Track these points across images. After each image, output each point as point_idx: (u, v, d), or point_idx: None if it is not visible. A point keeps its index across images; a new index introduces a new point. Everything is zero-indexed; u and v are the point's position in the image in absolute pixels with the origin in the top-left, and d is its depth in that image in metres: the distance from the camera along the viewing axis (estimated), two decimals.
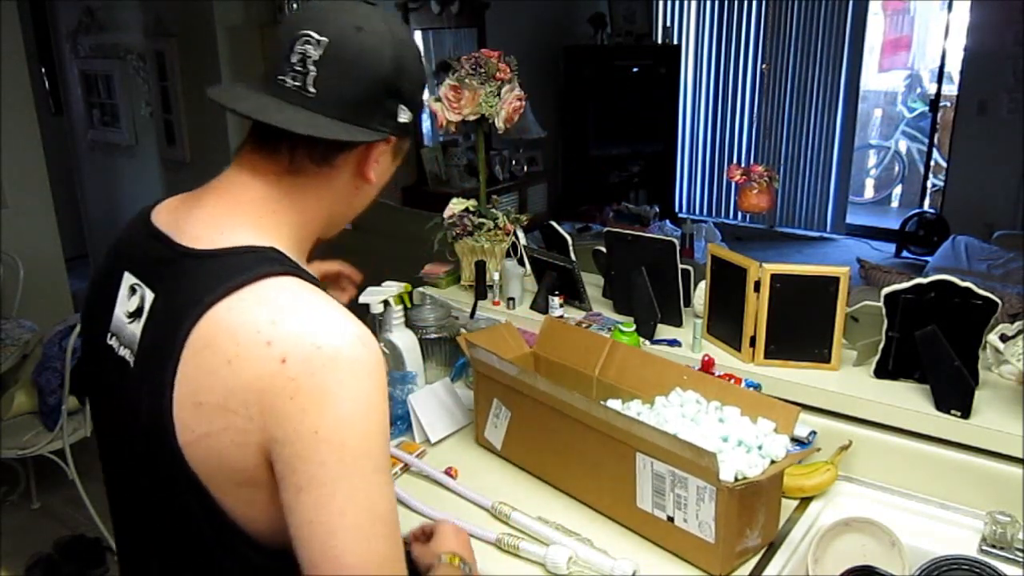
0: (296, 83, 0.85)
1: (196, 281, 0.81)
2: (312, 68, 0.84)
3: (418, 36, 5.30)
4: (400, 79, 0.88)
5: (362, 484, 0.77)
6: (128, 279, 0.88)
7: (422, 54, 0.97)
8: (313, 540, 0.77)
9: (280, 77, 0.85)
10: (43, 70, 5.60)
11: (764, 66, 6.41)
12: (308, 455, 0.76)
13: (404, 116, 0.90)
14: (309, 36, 0.84)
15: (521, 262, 2.11)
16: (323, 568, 0.77)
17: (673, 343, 1.80)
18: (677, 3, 6.68)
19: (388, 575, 0.79)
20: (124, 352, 0.87)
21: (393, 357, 1.68)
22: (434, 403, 1.68)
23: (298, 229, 0.89)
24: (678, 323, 1.88)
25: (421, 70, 0.92)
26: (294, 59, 0.84)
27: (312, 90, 0.84)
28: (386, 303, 1.79)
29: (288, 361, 0.76)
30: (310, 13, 0.86)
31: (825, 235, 6.50)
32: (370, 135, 0.88)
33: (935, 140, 6.59)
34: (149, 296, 0.85)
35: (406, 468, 1.54)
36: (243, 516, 0.84)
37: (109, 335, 0.90)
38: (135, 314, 0.86)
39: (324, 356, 0.76)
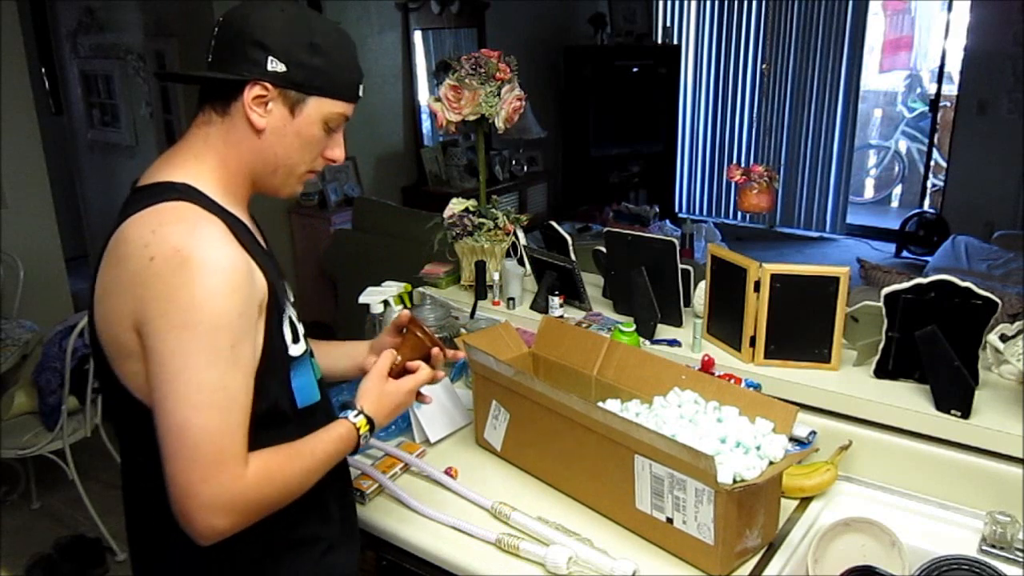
0: (207, 57, 1.08)
1: (127, 209, 1.03)
2: (213, 41, 1.07)
3: (418, 36, 5.30)
4: (258, 32, 1.04)
5: (199, 362, 0.94)
6: None
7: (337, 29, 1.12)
8: (157, 408, 0.95)
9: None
10: (43, 70, 5.60)
11: (764, 66, 6.41)
12: (158, 334, 0.95)
13: (275, 66, 1.04)
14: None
15: (521, 262, 2.11)
16: (161, 431, 0.95)
17: (673, 343, 1.80)
18: (677, 3, 6.67)
19: (214, 444, 0.94)
20: None
21: None
22: (434, 403, 1.68)
23: (221, 172, 1.08)
24: (678, 323, 1.88)
25: (297, 29, 1.06)
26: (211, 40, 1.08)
27: (210, 57, 1.07)
28: (386, 303, 1.80)
29: (155, 259, 0.95)
30: None
31: (825, 235, 6.50)
32: (227, 75, 1.05)
33: (935, 140, 6.59)
34: None
35: (406, 468, 1.54)
36: (135, 388, 1.02)
37: None
38: None
39: (180, 256, 0.95)
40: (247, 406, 0.99)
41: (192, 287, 0.94)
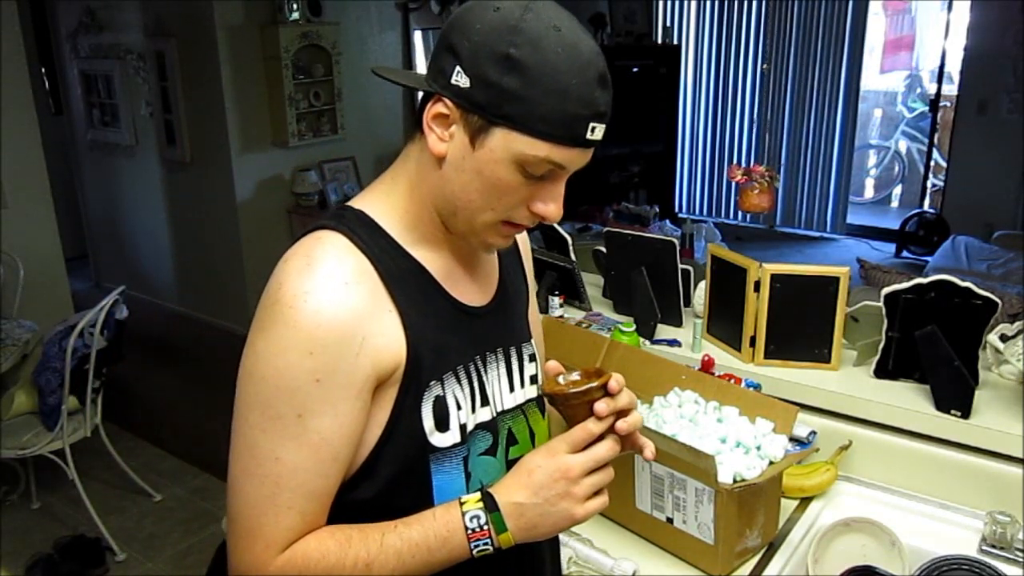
0: None
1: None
2: None
3: (418, 36, 5.30)
4: (455, 33, 0.82)
5: (254, 421, 0.82)
6: None
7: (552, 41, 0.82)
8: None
9: None
10: (43, 70, 5.60)
11: (764, 66, 6.41)
12: (240, 370, 0.84)
13: (459, 79, 0.81)
14: None
15: None
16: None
17: (673, 343, 1.80)
18: (677, 3, 6.68)
19: (251, 518, 0.82)
20: None
21: None
22: None
23: (407, 202, 0.91)
24: (678, 323, 1.88)
25: (495, 34, 0.80)
26: None
27: None
28: None
29: (267, 290, 0.83)
30: None
31: (825, 235, 6.51)
32: (408, 84, 0.90)
33: (935, 140, 6.60)
34: None
35: None
36: None
37: None
38: None
39: (272, 296, 0.82)
40: (308, 489, 0.82)
41: (268, 334, 0.80)
